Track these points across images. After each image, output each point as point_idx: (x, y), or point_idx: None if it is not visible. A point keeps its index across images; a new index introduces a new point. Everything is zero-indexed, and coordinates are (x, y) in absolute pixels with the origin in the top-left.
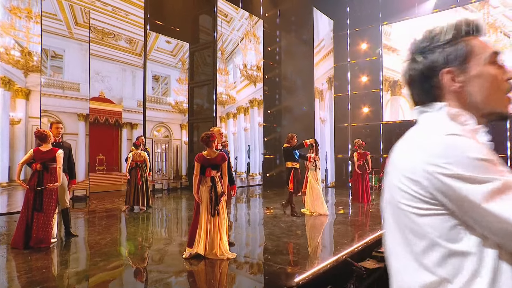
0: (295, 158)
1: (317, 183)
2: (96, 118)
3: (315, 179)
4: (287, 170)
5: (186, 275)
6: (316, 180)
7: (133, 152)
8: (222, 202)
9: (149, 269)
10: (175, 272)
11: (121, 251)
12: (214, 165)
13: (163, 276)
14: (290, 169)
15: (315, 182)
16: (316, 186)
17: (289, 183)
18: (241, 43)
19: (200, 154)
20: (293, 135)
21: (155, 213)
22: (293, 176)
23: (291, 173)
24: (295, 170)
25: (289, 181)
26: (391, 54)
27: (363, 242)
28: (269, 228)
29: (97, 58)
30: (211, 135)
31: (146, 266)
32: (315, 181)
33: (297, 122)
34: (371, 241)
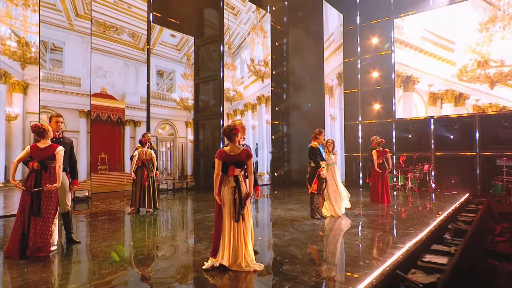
0: (322, 157)
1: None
2: (98, 115)
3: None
4: (312, 169)
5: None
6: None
7: (139, 150)
8: (247, 205)
9: (164, 283)
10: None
11: (129, 261)
12: (238, 162)
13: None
14: (315, 169)
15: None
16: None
17: (312, 183)
18: (248, 37)
19: (222, 150)
20: (321, 131)
21: (163, 215)
22: (318, 177)
23: (316, 173)
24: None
25: (313, 181)
26: (404, 49)
27: (404, 250)
28: (291, 232)
29: (98, 52)
30: (234, 127)
31: (160, 280)
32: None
33: (305, 120)
34: (412, 248)
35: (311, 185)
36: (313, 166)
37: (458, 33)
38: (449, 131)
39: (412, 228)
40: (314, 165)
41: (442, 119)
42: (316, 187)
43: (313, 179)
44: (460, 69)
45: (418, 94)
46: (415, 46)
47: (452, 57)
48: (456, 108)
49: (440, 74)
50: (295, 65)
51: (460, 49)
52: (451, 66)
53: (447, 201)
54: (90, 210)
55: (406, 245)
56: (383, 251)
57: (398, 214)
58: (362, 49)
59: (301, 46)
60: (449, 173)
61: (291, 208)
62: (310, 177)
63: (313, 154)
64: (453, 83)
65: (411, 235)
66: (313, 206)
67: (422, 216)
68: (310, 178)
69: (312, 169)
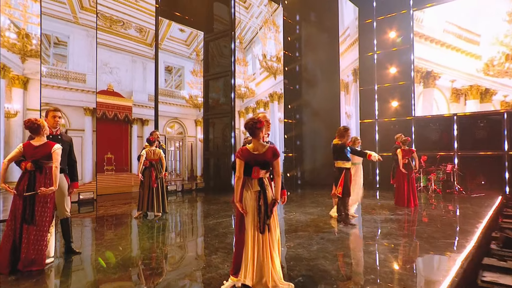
0: (347, 156)
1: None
2: (104, 113)
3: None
4: (337, 170)
5: None
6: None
7: (147, 149)
8: (274, 214)
9: None
10: None
11: (137, 278)
12: (263, 162)
13: None
14: (340, 169)
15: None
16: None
17: (337, 186)
18: (260, 31)
19: (244, 148)
20: (346, 129)
21: (172, 220)
22: (344, 178)
23: (342, 174)
24: (346, 171)
25: (339, 183)
26: (424, 43)
27: (457, 267)
28: (317, 241)
29: (105, 47)
30: (258, 120)
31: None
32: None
33: (319, 118)
34: (464, 264)
35: (336, 187)
36: (338, 167)
37: (483, 25)
38: (474, 129)
39: (453, 237)
40: (337, 163)
41: (466, 117)
42: (342, 189)
43: (338, 181)
44: (486, 63)
45: (439, 91)
46: (436, 39)
47: (477, 50)
48: (482, 105)
49: (464, 68)
50: (308, 61)
51: (486, 41)
52: (475, 60)
53: (478, 205)
54: (96, 213)
55: (457, 260)
56: (431, 267)
57: (430, 220)
58: (379, 43)
59: (314, 42)
60: (474, 173)
61: (311, 212)
62: (335, 178)
63: (338, 152)
64: (478, 78)
65: (456, 245)
66: (346, 211)
67: (458, 222)
68: (335, 179)
69: (337, 170)
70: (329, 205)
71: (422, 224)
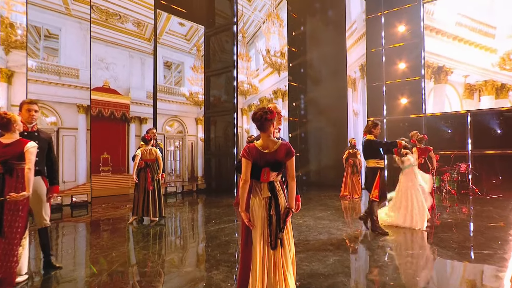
0: (381, 154)
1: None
2: (99, 111)
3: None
4: (370, 171)
5: None
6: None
7: (142, 148)
8: (288, 226)
9: None
10: None
11: None
12: (275, 163)
13: None
14: (374, 170)
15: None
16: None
17: (373, 189)
18: (263, 25)
19: (251, 146)
20: (376, 123)
21: (170, 225)
22: (379, 179)
23: (376, 175)
24: (381, 172)
25: (374, 186)
26: (435, 36)
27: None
28: (334, 252)
29: (100, 42)
30: (269, 110)
31: None
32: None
33: (324, 116)
34: None
35: (370, 190)
36: (371, 167)
37: (499, 16)
38: (489, 127)
39: (488, 247)
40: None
41: (480, 113)
42: (378, 193)
43: (372, 183)
44: (502, 56)
45: (451, 86)
46: (448, 33)
47: (492, 44)
48: (497, 101)
49: (478, 63)
50: (313, 57)
51: (502, 34)
52: (491, 53)
53: (500, 207)
54: (91, 217)
55: (504, 280)
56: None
57: (454, 225)
58: (387, 38)
59: (319, 36)
60: (489, 174)
61: (320, 217)
62: (369, 180)
63: (369, 149)
64: (494, 73)
65: (495, 257)
66: (374, 217)
67: (487, 228)
68: (368, 181)
69: (371, 171)
70: (338, 208)
71: (447, 230)
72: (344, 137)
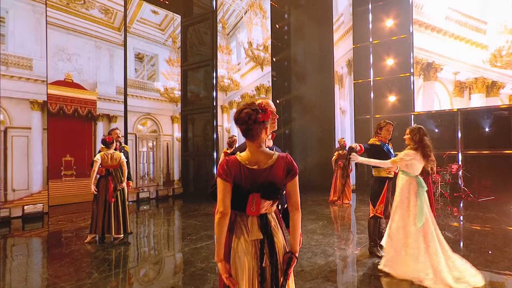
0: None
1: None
2: (61, 108)
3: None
4: (376, 181)
5: None
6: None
7: (103, 153)
8: (290, 280)
9: None
10: None
11: None
12: (269, 186)
13: None
14: (381, 180)
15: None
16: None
17: (377, 202)
18: (245, 16)
19: (233, 160)
20: (387, 123)
21: (137, 245)
22: (386, 192)
23: (384, 186)
24: (389, 182)
25: (380, 199)
26: (424, 31)
27: None
28: (332, 281)
29: (60, 30)
30: (261, 108)
31: None
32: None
33: (309, 114)
34: None
35: (374, 204)
36: (378, 177)
37: (490, 11)
38: (480, 126)
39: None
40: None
41: (470, 112)
42: (383, 208)
43: (378, 196)
44: (493, 53)
45: (441, 84)
46: (437, 28)
47: (483, 40)
48: (488, 99)
49: (468, 59)
50: (298, 51)
51: (493, 30)
52: (481, 50)
53: (496, 212)
54: (48, 230)
55: None
56: None
57: (465, 235)
58: (375, 32)
59: (305, 30)
60: (480, 175)
61: (312, 230)
62: (374, 192)
63: (375, 155)
64: (484, 70)
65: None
66: (373, 235)
67: (497, 237)
68: (373, 193)
69: (377, 181)
70: (329, 217)
71: (458, 240)
72: (330, 137)
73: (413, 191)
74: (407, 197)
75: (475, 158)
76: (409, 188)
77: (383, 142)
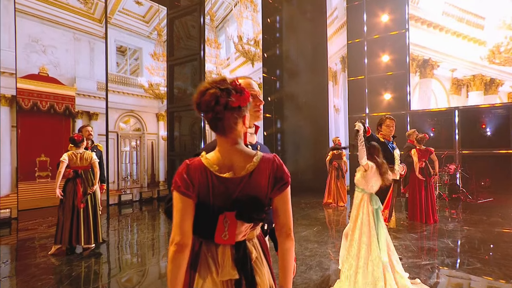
0: (392, 161)
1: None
2: (34, 104)
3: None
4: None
5: None
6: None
7: (70, 152)
8: None
9: None
10: None
11: None
12: (248, 201)
13: None
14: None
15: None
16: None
17: (382, 207)
18: (235, 8)
19: (194, 163)
20: (386, 118)
21: (109, 258)
22: (392, 196)
23: (389, 190)
24: (394, 185)
25: (385, 205)
26: (420, 27)
27: None
28: None
29: (33, 19)
30: (235, 88)
31: None
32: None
33: (302, 113)
34: None
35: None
36: None
37: (488, 6)
38: (478, 125)
39: None
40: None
41: (468, 110)
42: (388, 214)
43: (382, 200)
44: (492, 49)
45: (438, 81)
46: (434, 23)
47: (481, 36)
48: (486, 97)
49: (466, 56)
50: (291, 47)
51: (491, 25)
52: (479, 46)
53: (500, 215)
54: (16, 239)
55: None
56: None
57: (472, 243)
58: (370, 28)
59: (297, 25)
60: (478, 175)
61: (305, 236)
62: (378, 195)
63: (376, 153)
64: (483, 67)
65: None
66: None
67: (510, 244)
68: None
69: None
70: (323, 222)
71: (469, 247)
72: (324, 136)
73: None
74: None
75: (473, 158)
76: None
77: (387, 140)
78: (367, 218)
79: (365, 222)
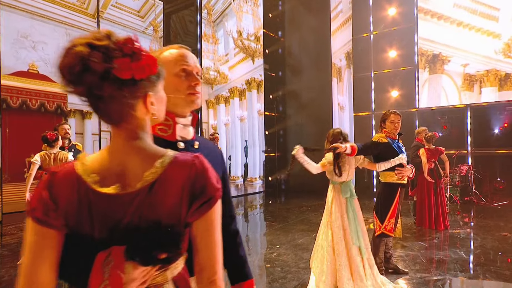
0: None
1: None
2: (24, 102)
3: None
4: (385, 188)
5: None
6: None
7: (43, 152)
8: None
9: None
10: None
11: None
12: (147, 230)
13: None
14: (392, 187)
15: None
16: None
17: (387, 217)
18: (234, 2)
19: (63, 172)
20: (390, 112)
21: None
22: (398, 202)
23: (395, 196)
24: (401, 190)
25: (390, 213)
26: (430, 20)
27: None
28: None
29: (22, 13)
30: (116, 45)
31: None
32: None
33: (306, 111)
34: None
35: (382, 219)
36: (387, 183)
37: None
38: (491, 123)
39: None
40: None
41: (481, 107)
42: (393, 223)
43: (387, 209)
44: (507, 42)
45: (448, 77)
46: (444, 16)
47: (495, 28)
48: (501, 93)
49: (479, 50)
50: (293, 42)
51: (507, 17)
52: (494, 39)
53: None
54: (0, 243)
55: None
56: None
57: (489, 254)
58: (376, 22)
59: (299, 19)
60: (491, 177)
61: (302, 245)
62: (383, 203)
63: (380, 154)
64: (497, 61)
65: None
66: (379, 259)
67: None
68: (382, 205)
69: (386, 189)
70: None
71: (485, 260)
72: None
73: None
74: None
75: (486, 158)
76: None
77: (392, 138)
78: (338, 208)
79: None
